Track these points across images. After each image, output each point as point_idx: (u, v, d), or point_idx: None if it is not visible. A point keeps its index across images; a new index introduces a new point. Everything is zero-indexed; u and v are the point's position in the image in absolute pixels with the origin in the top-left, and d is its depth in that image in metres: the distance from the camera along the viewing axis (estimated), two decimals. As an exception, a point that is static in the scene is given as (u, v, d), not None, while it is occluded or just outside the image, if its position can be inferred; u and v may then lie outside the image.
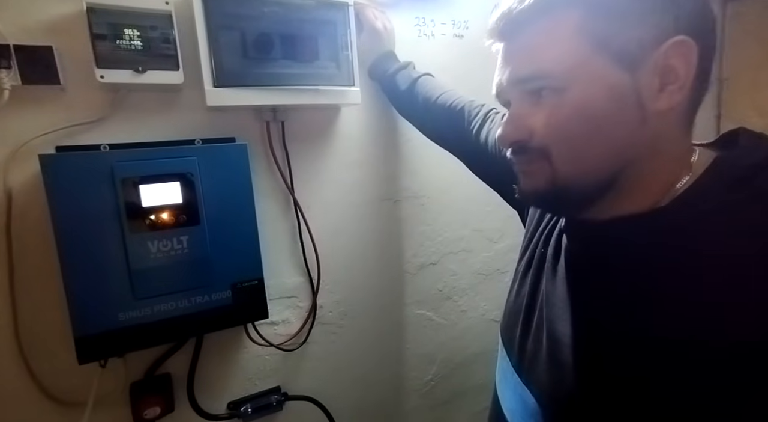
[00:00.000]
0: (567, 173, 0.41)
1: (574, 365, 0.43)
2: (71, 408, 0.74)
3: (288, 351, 0.93)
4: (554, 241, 0.51)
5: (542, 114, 0.41)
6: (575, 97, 0.39)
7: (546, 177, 0.42)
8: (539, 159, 0.42)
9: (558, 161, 0.41)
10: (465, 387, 1.20)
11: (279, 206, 0.89)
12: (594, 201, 0.43)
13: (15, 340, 0.70)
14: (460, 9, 1.03)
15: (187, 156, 0.71)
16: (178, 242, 0.71)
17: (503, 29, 0.43)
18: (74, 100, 0.70)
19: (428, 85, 0.86)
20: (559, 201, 0.45)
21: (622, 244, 0.43)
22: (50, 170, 0.63)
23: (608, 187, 0.41)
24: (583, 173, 0.41)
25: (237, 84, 0.73)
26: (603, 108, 0.39)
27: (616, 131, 0.39)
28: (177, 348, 0.81)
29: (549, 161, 0.42)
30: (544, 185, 0.43)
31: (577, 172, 0.41)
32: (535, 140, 0.42)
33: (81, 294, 0.66)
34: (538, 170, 0.43)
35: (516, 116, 0.44)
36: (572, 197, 0.43)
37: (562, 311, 0.47)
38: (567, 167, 0.41)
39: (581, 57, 0.38)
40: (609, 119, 0.39)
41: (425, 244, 1.09)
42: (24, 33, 0.65)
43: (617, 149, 0.40)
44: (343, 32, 0.80)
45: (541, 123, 0.41)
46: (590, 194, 0.42)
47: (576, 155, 0.41)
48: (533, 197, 0.47)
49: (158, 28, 0.68)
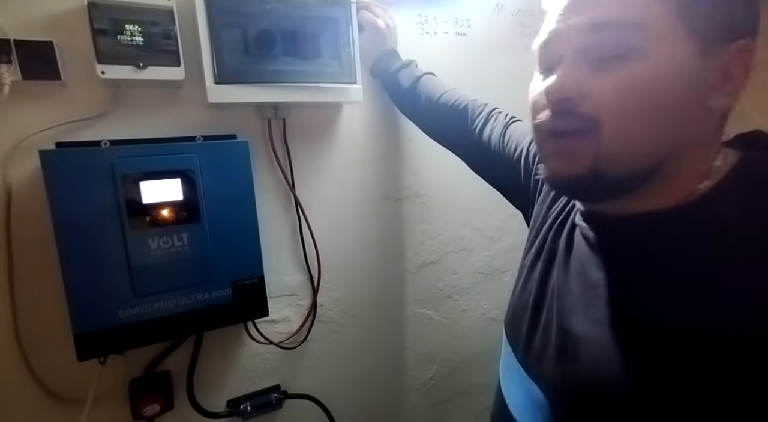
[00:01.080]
0: (614, 154, 0.37)
1: (596, 360, 0.42)
2: (70, 404, 0.74)
3: (288, 349, 0.92)
4: (566, 236, 0.50)
5: (606, 78, 0.37)
6: (653, 67, 0.35)
7: (588, 157, 0.38)
8: (584, 133, 0.38)
9: (609, 137, 0.37)
10: (465, 387, 1.20)
11: (280, 203, 0.89)
12: (630, 191, 0.40)
13: (14, 337, 0.70)
14: (463, 7, 1.03)
15: (188, 153, 0.71)
16: (179, 240, 0.71)
17: None
18: (75, 95, 0.70)
19: (430, 83, 0.85)
20: (596, 187, 0.40)
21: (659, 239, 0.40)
22: (50, 165, 0.63)
23: (647, 177, 0.39)
24: (631, 156, 0.38)
25: (238, 81, 0.73)
26: (676, 88, 0.35)
27: (679, 115, 0.36)
28: (177, 346, 0.81)
29: (596, 137, 0.38)
30: (584, 167, 0.39)
31: (626, 153, 0.37)
32: (586, 104, 0.37)
33: (81, 291, 0.66)
34: (580, 149, 0.39)
35: (570, 72, 0.38)
36: (611, 183, 0.39)
37: (576, 307, 0.46)
38: (617, 145, 0.37)
39: (669, 22, 0.35)
40: (678, 101, 0.36)
41: (426, 243, 1.08)
42: (25, 28, 0.64)
43: (672, 135, 0.37)
44: (345, 30, 0.80)
45: (601, 87, 0.37)
46: (629, 183, 0.39)
47: (632, 133, 0.37)
48: (568, 180, 0.42)
49: (160, 24, 0.67)
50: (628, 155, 0.38)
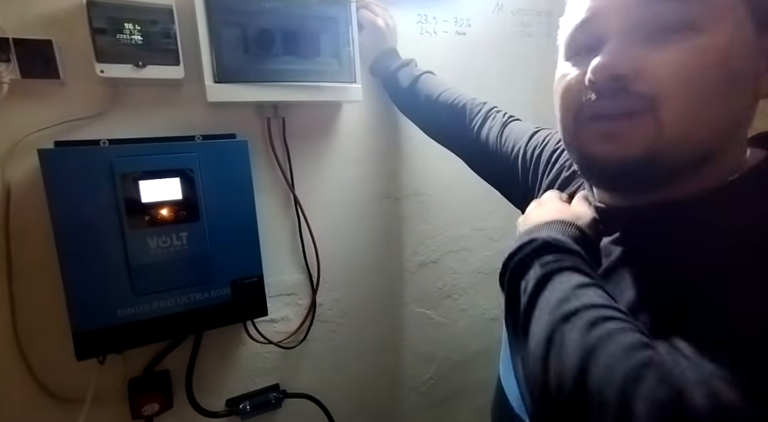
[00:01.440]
0: (676, 134, 0.34)
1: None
2: (69, 404, 0.74)
3: (287, 348, 0.92)
4: None
5: (666, 55, 0.34)
6: (717, 42, 0.33)
7: (646, 139, 0.35)
8: (641, 113, 0.35)
9: (670, 116, 0.34)
10: (464, 386, 1.20)
11: (279, 203, 0.89)
12: (683, 176, 0.37)
13: (13, 336, 0.70)
14: (463, 6, 1.03)
15: (187, 152, 0.71)
16: (178, 239, 0.71)
17: None
18: (73, 94, 0.69)
19: (429, 83, 0.85)
20: (653, 173, 0.37)
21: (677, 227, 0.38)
22: (49, 164, 0.62)
23: (701, 163, 0.36)
24: (693, 138, 0.34)
25: (238, 80, 0.73)
26: (737, 65, 0.33)
27: (739, 95, 0.34)
28: (176, 345, 0.81)
29: (655, 117, 0.34)
30: (641, 148, 0.35)
31: (687, 134, 0.34)
32: (643, 82, 0.34)
33: (79, 290, 0.66)
34: (636, 130, 0.35)
35: (624, 48, 0.35)
36: (668, 168, 0.36)
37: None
38: (679, 126, 0.34)
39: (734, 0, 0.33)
40: (739, 78, 0.34)
41: (425, 242, 1.08)
42: (23, 26, 0.64)
43: (731, 116, 0.35)
44: (345, 29, 0.80)
45: (662, 63, 0.34)
46: (687, 166, 0.36)
47: (697, 112, 0.34)
48: (620, 166, 0.37)
49: (159, 23, 0.67)
50: (688, 137, 0.34)
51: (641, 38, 0.35)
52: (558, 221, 0.41)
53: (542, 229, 0.41)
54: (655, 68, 0.34)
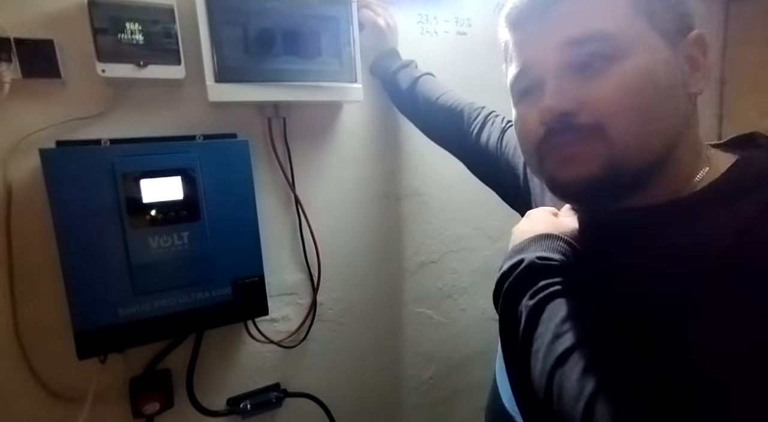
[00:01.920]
0: (626, 151, 0.38)
1: None
2: (70, 403, 0.74)
3: (287, 348, 0.92)
4: None
5: (597, 85, 0.38)
6: (638, 64, 0.37)
7: (601, 159, 0.39)
8: (591, 139, 0.39)
9: (617, 136, 0.38)
10: (464, 386, 1.20)
11: (280, 202, 0.89)
12: (642, 185, 0.41)
13: (14, 335, 0.70)
14: (463, 6, 1.03)
15: (189, 152, 0.71)
16: (179, 238, 0.71)
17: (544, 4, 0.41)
18: (75, 94, 0.70)
19: (429, 85, 0.86)
20: (613, 187, 0.40)
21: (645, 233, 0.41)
22: (51, 164, 0.63)
23: (658, 169, 0.40)
24: (642, 150, 0.39)
25: (239, 80, 0.73)
26: (662, 79, 0.38)
27: (671, 104, 0.39)
28: (177, 344, 0.81)
29: (604, 139, 0.38)
30: (597, 169, 0.39)
31: (636, 148, 0.38)
32: (584, 113, 0.39)
33: (81, 289, 0.66)
34: (591, 153, 0.39)
35: (561, 88, 0.40)
36: (625, 180, 0.40)
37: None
38: (627, 142, 0.38)
39: (636, 25, 0.38)
40: (667, 90, 0.38)
41: (426, 242, 1.09)
42: (25, 26, 0.64)
43: (672, 124, 0.39)
44: (346, 28, 0.80)
45: (596, 94, 0.38)
46: (643, 177, 0.40)
47: (638, 128, 0.38)
48: (583, 185, 0.41)
49: (160, 23, 0.67)
50: (639, 148, 0.38)
51: (573, 76, 0.39)
52: (545, 235, 0.44)
53: (531, 246, 0.44)
54: (593, 98, 0.38)
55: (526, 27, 0.43)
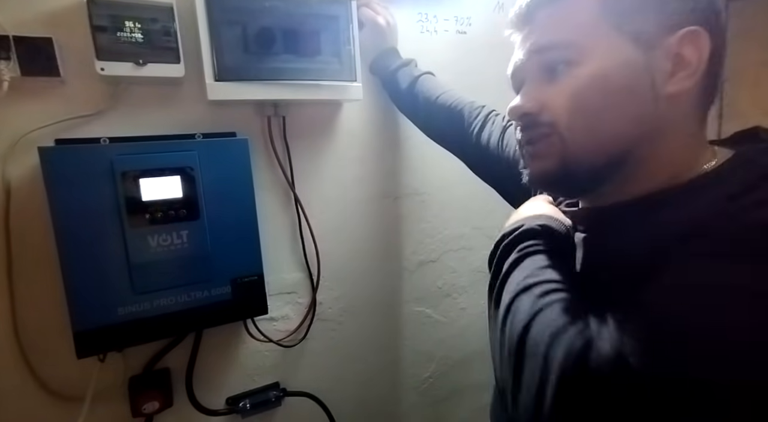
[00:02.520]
0: (578, 149, 0.42)
1: None
2: (70, 402, 0.74)
3: (287, 346, 0.92)
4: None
5: (556, 88, 0.42)
6: (591, 70, 0.40)
7: (556, 156, 0.43)
8: (549, 136, 0.43)
9: (569, 135, 0.42)
10: (463, 385, 1.21)
11: (279, 201, 0.89)
12: (602, 183, 0.43)
13: (13, 334, 0.70)
14: (463, 5, 1.03)
15: (188, 150, 0.71)
16: (178, 237, 0.71)
17: (527, 12, 0.44)
18: (74, 92, 0.69)
19: (428, 84, 0.85)
20: (568, 182, 0.45)
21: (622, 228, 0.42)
22: (50, 162, 0.62)
23: (616, 168, 0.42)
24: (593, 150, 0.41)
25: (238, 78, 0.73)
26: (617, 83, 0.40)
27: (629, 107, 0.40)
28: (176, 343, 0.81)
29: (560, 137, 0.42)
30: (554, 164, 0.43)
31: (587, 147, 0.42)
32: (545, 113, 0.43)
33: (80, 288, 0.66)
34: (548, 149, 0.43)
35: (529, 91, 0.45)
36: (581, 176, 0.43)
37: None
38: (578, 141, 0.42)
39: (600, 32, 0.40)
40: (622, 94, 0.40)
41: (425, 241, 1.08)
42: (24, 24, 0.64)
43: (628, 126, 0.40)
44: (346, 27, 0.80)
45: (554, 96, 0.42)
46: (598, 174, 0.43)
47: (588, 129, 0.41)
48: (543, 178, 0.46)
49: (159, 21, 0.67)
50: (591, 147, 0.42)
51: (542, 79, 0.44)
52: (546, 215, 0.48)
53: (533, 219, 0.48)
54: (551, 102, 0.42)
55: (515, 33, 0.47)
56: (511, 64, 0.48)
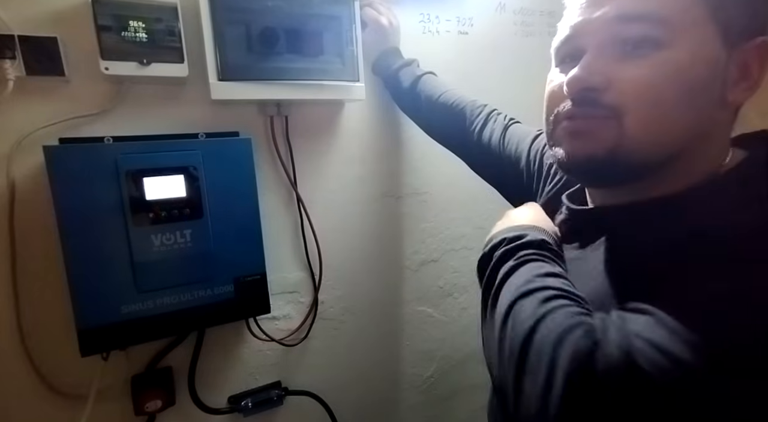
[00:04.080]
0: (636, 140, 0.38)
1: None
2: (73, 400, 0.74)
3: (289, 346, 0.93)
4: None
5: (632, 69, 0.37)
6: (680, 57, 0.36)
7: (610, 140, 0.38)
8: (607, 119, 0.38)
9: (632, 123, 0.37)
10: (464, 384, 1.21)
11: (282, 200, 0.89)
12: (643, 178, 0.40)
13: (17, 332, 0.70)
14: (465, 6, 1.03)
15: (191, 150, 0.71)
16: (182, 236, 0.71)
17: None
18: (78, 91, 0.70)
19: (430, 84, 0.86)
20: (613, 170, 0.40)
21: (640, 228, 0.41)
22: (55, 161, 0.63)
23: (663, 165, 0.39)
24: (652, 143, 0.38)
25: (241, 78, 0.73)
26: (700, 78, 0.36)
27: (699, 105, 0.37)
28: (178, 342, 0.81)
29: (619, 123, 0.38)
30: (603, 150, 0.39)
31: (647, 140, 0.38)
32: (611, 93, 0.38)
33: (84, 287, 0.66)
34: (602, 131, 0.39)
35: (596, 61, 0.39)
36: (630, 167, 0.39)
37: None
38: (639, 132, 0.38)
39: (695, 14, 0.36)
40: (700, 91, 0.37)
41: (426, 241, 1.09)
42: (29, 23, 0.64)
43: (692, 125, 0.38)
44: (349, 27, 0.80)
45: (628, 76, 0.37)
46: (646, 169, 0.39)
47: (655, 121, 0.37)
48: (585, 162, 0.41)
49: (163, 21, 0.67)
50: (649, 142, 0.38)
51: (613, 53, 0.38)
52: (538, 227, 0.47)
53: (528, 229, 0.46)
54: (621, 81, 0.38)
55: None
56: (566, 28, 0.42)
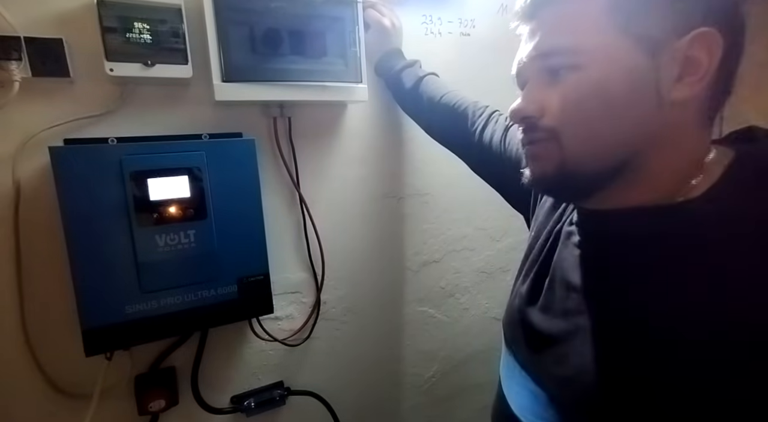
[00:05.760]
0: (576, 156, 0.41)
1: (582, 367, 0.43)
2: (77, 399, 0.75)
3: (291, 346, 0.93)
4: (561, 243, 0.51)
5: (557, 93, 0.41)
6: (593, 76, 0.39)
7: (555, 160, 0.42)
8: (548, 140, 0.42)
9: (568, 142, 0.41)
10: (466, 385, 1.21)
11: (284, 201, 0.89)
12: (602, 188, 0.43)
13: (22, 332, 0.70)
14: (467, 7, 1.03)
15: (195, 150, 0.71)
16: (186, 236, 0.71)
17: (531, 7, 0.43)
18: (83, 92, 0.70)
19: (432, 84, 0.86)
20: (566, 186, 0.44)
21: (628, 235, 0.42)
22: (60, 162, 0.63)
23: (617, 174, 0.41)
24: (593, 156, 0.41)
25: (245, 79, 0.74)
26: (619, 90, 0.38)
27: (630, 114, 0.39)
28: (182, 342, 0.81)
29: (558, 143, 0.42)
30: (552, 168, 0.43)
31: (586, 154, 0.41)
32: (545, 118, 0.42)
33: (88, 287, 0.66)
34: (547, 153, 0.43)
35: (531, 93, 0.44)
36: (580, 182, 0.43)
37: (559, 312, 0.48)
38: (577, 148, 0.41)
39: (605, 37, 0.38)
40: (624, 101, 0.39)
41: (428, 242, 1.09)
42: (34, 25, 0.65)
43: (629, 133, 0.40)
44: (351, 29, 0.80)
45: (554, 101, 0.41)
46: (598, 180, 0.42)
47: (587, 136, 0.41)
48: (541, 181, 0.46)
49: (168, 22, 0.68)
50: (590, 155, 0.41)
51: (542, 84, 0.43)
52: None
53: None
54: (552, 106, 0.42)
55: (522, 25, 0.46)
56: (516, 60, 0.47)
